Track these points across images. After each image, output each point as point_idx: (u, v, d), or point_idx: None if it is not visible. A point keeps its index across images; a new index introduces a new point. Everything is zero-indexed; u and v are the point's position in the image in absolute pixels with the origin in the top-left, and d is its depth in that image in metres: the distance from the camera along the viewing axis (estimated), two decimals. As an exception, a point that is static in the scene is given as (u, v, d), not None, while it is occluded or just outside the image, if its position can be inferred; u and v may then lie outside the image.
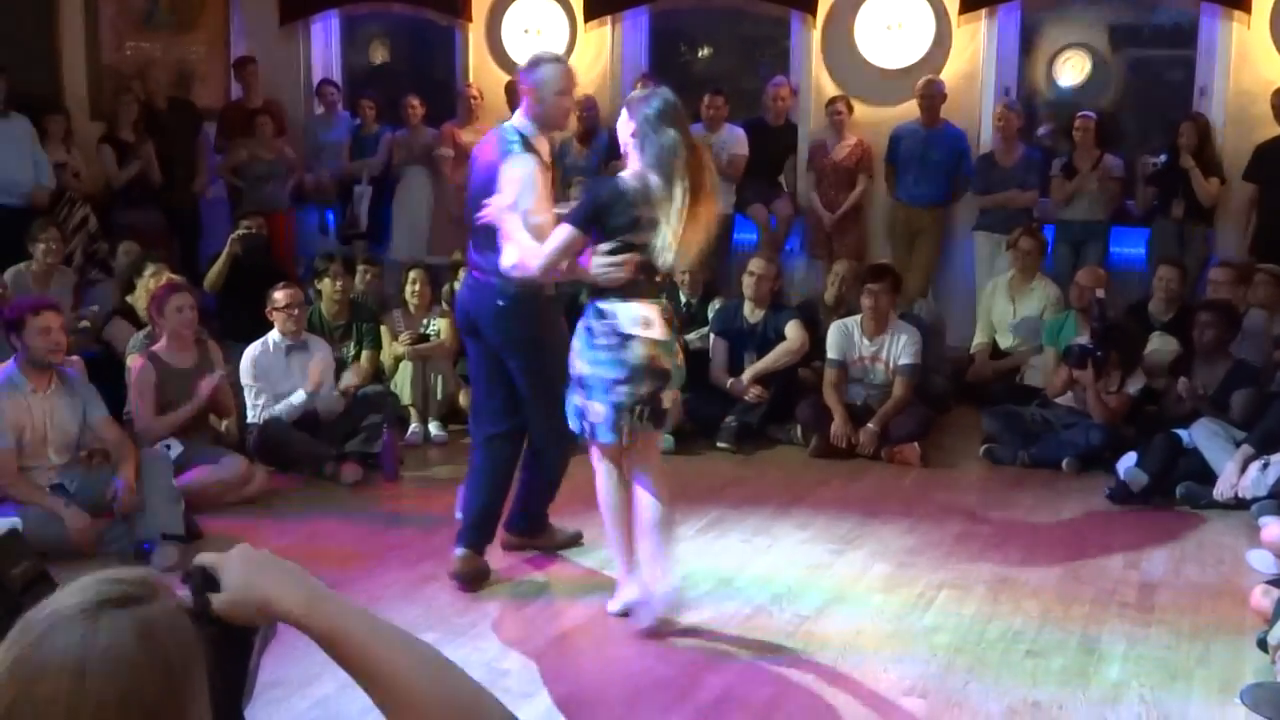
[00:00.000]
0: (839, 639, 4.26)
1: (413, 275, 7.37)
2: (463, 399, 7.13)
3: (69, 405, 5.26)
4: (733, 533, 5.44)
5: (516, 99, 4.82)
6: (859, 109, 8.73)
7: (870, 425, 6.67)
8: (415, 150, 9.39)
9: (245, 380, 6.36)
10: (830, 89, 8.87)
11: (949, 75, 8.60)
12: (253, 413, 6.36)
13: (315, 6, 10.12)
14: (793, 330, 7.11)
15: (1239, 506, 5.65)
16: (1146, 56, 10.01)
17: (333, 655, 1.23)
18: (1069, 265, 7.97)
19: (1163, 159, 8.14)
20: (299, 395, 6.34)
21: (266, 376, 6.38)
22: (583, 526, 5.15)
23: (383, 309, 7.42)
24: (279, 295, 6.45)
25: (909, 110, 8.58)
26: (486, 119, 9.20)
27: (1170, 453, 5.99)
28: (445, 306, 7.45)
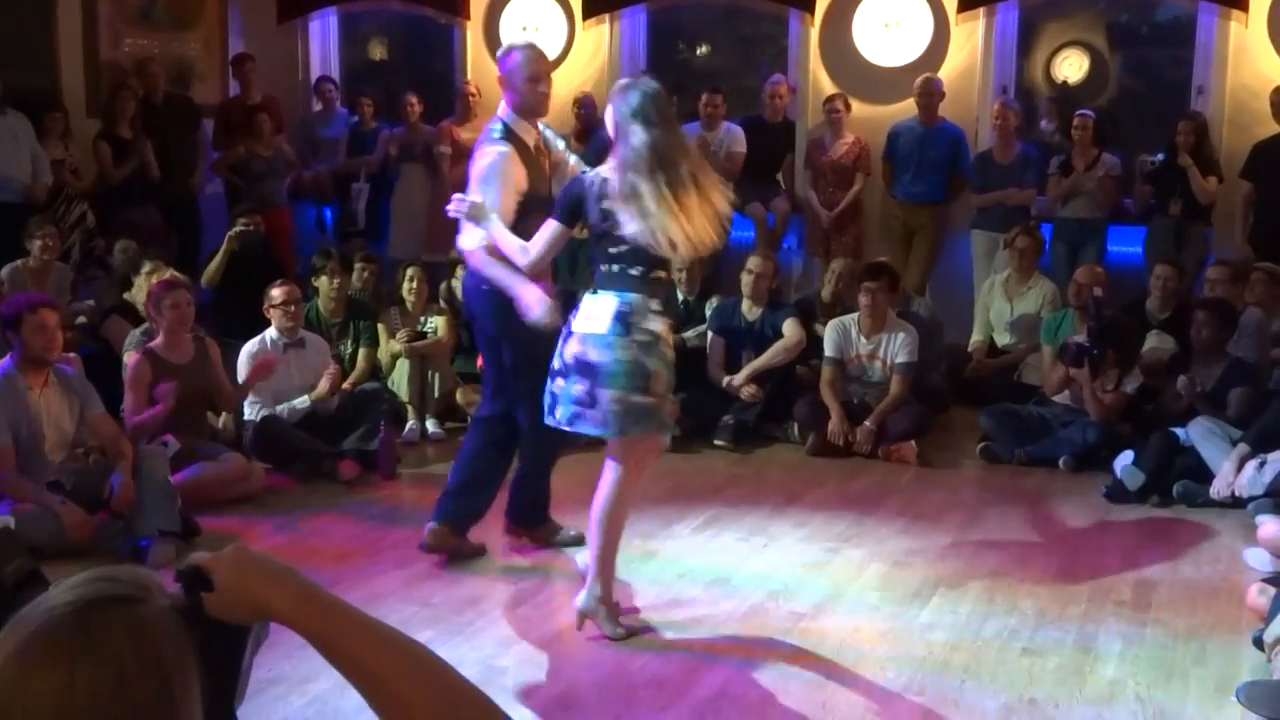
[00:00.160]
0: (836, 637, 4.27)
1: (410, 273, 7.36)
2: (460, 396, 7.13)
3: (66, 402, 5.26)
4: (729, 531, 5.45)
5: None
6: (857, 107, 8.73)
7: (867, 423, 6.67)
8: (413, 148, 9.39)
9: (242, 378, 6.35)
10: (828, 87, 8.87)
11: (947, 73, 8.61)
12: (250, 410, 6.36)
13: (313, 3, 10.12)
14: (790, 328, 7.11)
15: (1236, 505, 5.66)
16: (1144, 55, 10.03)
17: (325, 655, 1.23)
18: (1066, 263, 7.97)
19: (1160, 157, 8.14)
20: (303, 400, 6.34)
21: (263, 374, 6.38)
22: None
23: (380, 306, 7.41)
24: (276, 292, 6.45)
25: (907, 108, 8.58)
26: (485, 116, 9.14)
27: (1167, 451, 5.99)
28: (443, 304, 7.45)
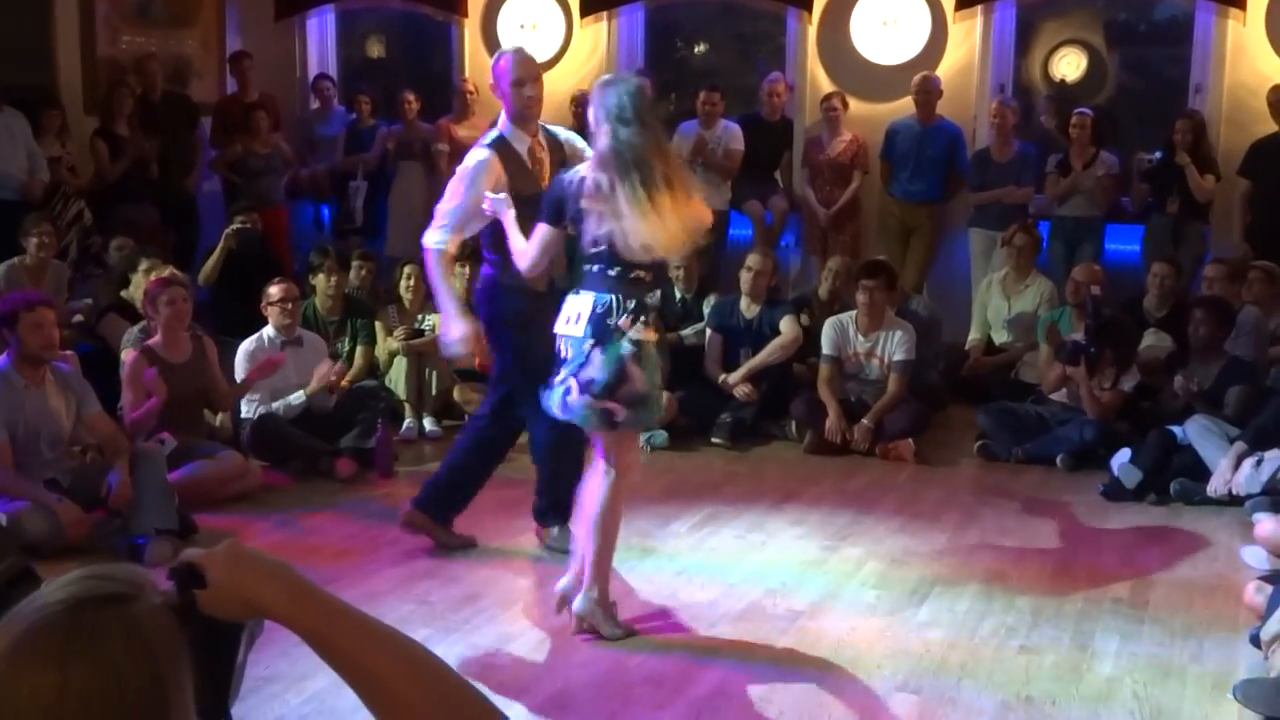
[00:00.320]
0: (833, 635, 4.27)
1: (408, 270, 7.35)
2: (457, 394, 7.13)
3: (63, 400, 5.25)
4: (727, 529, 5.45)
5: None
6: (855, 105, 8.73)
7: (865, 421, 6.67)
8: (411, 145, 9.38)
9: (240, 376, 6.35)
10: (826, 85, 8.87)
11: (945, 71, 8.60)
12: (247, 408, 6.35)
13: (311, 1, 10.10)
14: (787, 325, 7.11)
15: (1233, 503, 5.66)
16: (1142, 53, 10.02)
17: (320, 653, 1.23)
18: (1064, 262, 7.97)
19: (1158, 156, 8.13)
20: (298, 396, 6.34)
21: (261, 372, 6.37)
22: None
23: (377, 304, 7.41)
24: (274, 290, 6.44)
25: (905, 106, 8.57)
26: (482, 114, 9.19)
27: (1164, 449, 6.00)
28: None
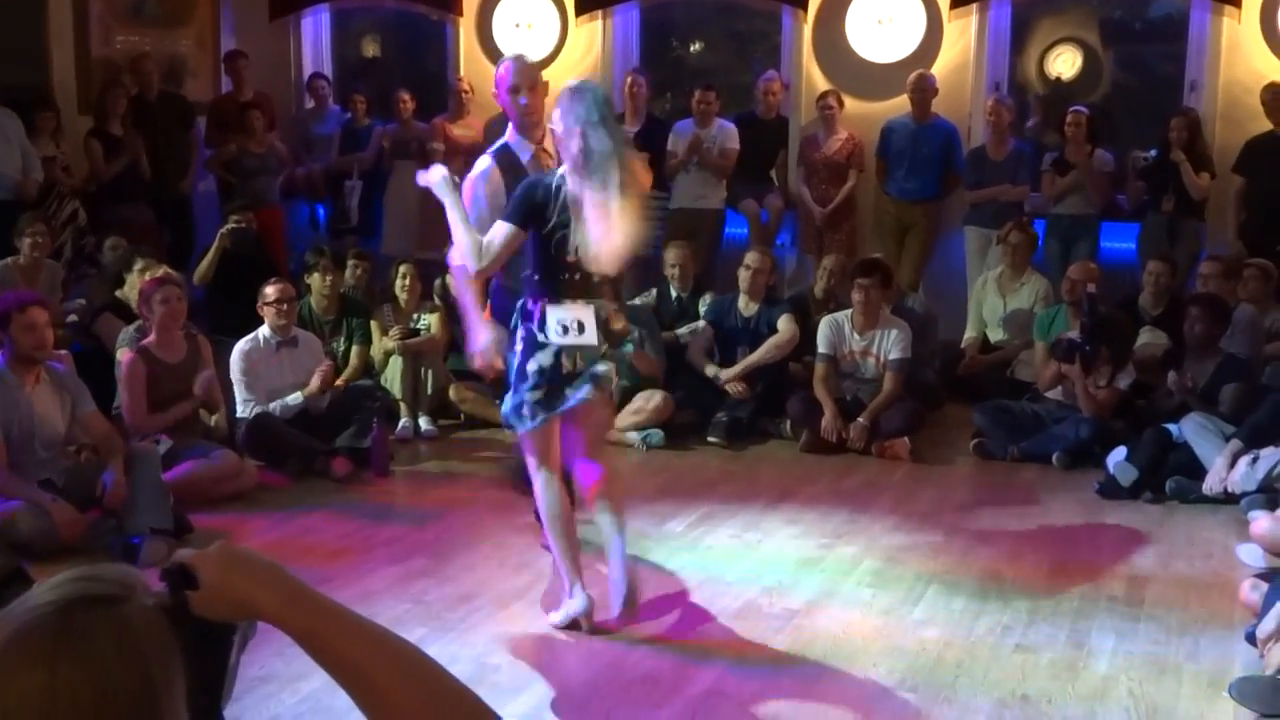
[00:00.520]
0: (829, 633, 4.27)
1: (403, 270, 7.35)
2: (453, 393, 7.12)
3: (58, 400, 5.24)
4: (723, 528, 5.44)
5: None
6: (850, 103, 8.73)
7: (860, 420, 6.67)
8: (406, 145, 9.37)
9: (235, 375, 6.34)
10: (821, 83, 8.86)
11: (940, 70, 8.60)
12: (243, 408, 6.34)
13: (306, 0, 10.09)
14: (784, 324, 7.11)
15: (1228, 501, 5.66)
16: (1138, 51, 10.03)
17: (311, 654, 1.22)
18: (1059, 260, 7.98)
19: (1153, 154, 8.13)
20: (295, 397, 6.33)
21: (256, 372, 6.35)
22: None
23: (373, 304, 7.40)
24: (270, 290, 6.43)
25: (900, 105, 8.57)
26: (477, 113, 9.21)
27: (1160, 447, 6.00)
28: (436, 301, 7.44)
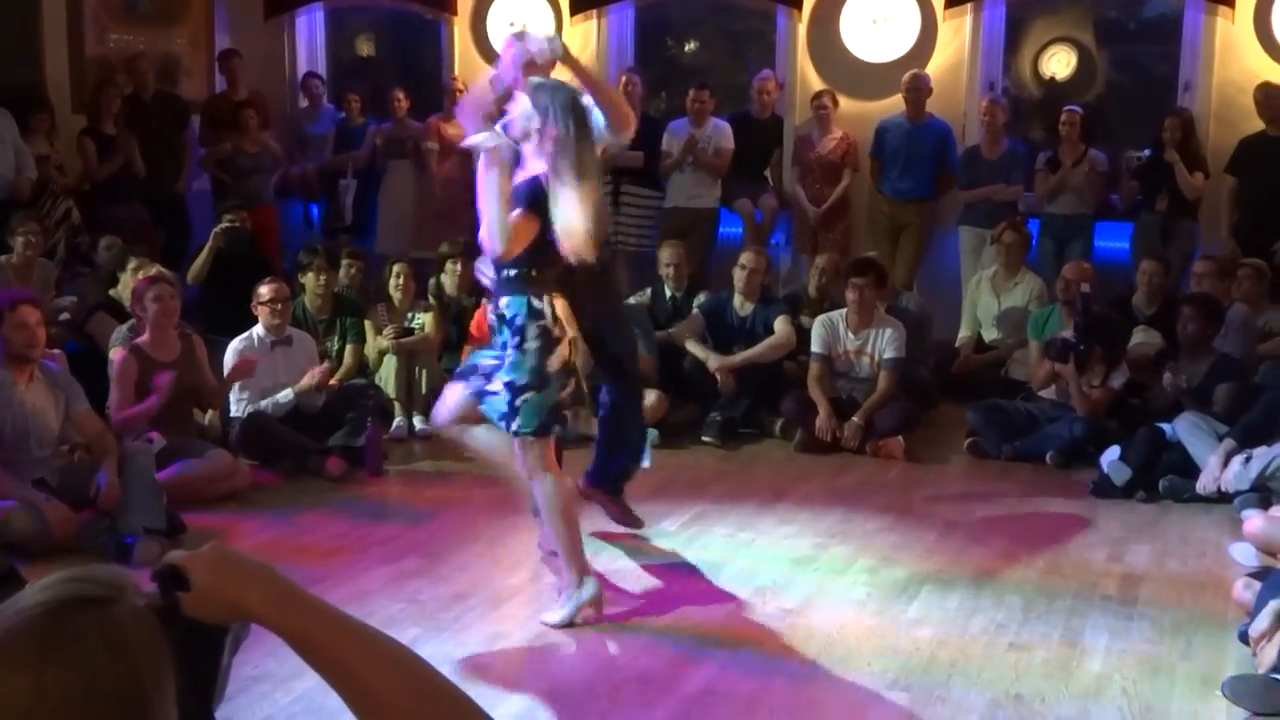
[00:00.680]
0: (822, 633, 4.27)
1: (397, 269, 7.35)
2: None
3: (51, 398, 5.23)
4: (717, 527, 5.44)
5: None
6: (844, 103, 8.73)
7: (855, 419, 6.67)
8: (401, 144, 9.37)
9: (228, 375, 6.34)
10: (816, 83, 8.87)
11: (934, 69, 8.60)
12: (236, 407, 6.33)
13: (300, -1, 10.09)
14: (781, 325, 7.11)
15: (1221, 500, 5.67)
16: (1132, 51, 10.04)
17: (303, 656, 1.22)
18: (1053, 259, 7.99)
19: (1147, 153, 8.15)
20: (286, 394, 6.32)
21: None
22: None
23: (367, 303, 7.39)
24: (264, 290, 6.42)
25: (894, 104, 8.58)
26: (472, 112, 9.18)
27: (1153, 446, 6.00)
28: (430, 300, 7.43)
